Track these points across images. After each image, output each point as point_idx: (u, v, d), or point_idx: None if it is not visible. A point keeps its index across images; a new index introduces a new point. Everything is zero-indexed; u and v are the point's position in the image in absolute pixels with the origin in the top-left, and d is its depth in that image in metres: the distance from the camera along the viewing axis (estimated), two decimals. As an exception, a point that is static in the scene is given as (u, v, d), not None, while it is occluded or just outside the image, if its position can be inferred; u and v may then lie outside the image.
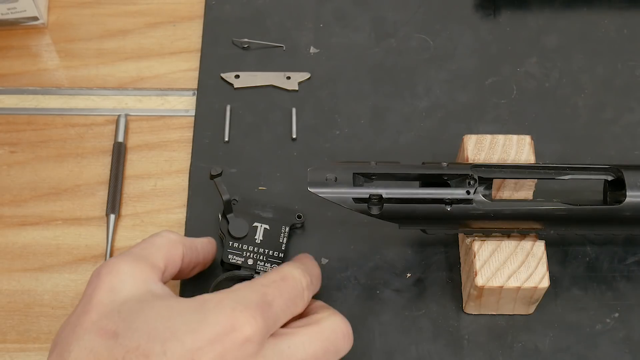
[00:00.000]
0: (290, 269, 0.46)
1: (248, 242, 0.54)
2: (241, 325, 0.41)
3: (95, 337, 0.42)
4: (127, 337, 0.41)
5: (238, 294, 0.43)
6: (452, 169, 0.49)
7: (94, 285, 0.44)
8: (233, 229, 0.54)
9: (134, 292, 0.44)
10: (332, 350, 0.45)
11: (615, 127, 0.60)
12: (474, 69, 0.62)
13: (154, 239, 0.48)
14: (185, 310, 0.42)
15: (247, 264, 0.53)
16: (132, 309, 0.43)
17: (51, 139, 0.60)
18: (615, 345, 0.52)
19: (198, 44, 0.64)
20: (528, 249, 0.51)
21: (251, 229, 0.54)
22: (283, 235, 0.54)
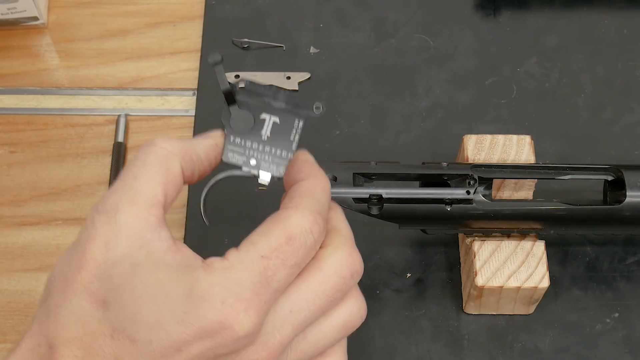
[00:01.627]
0: (298, 220, 0.39)
1: (253, 137, 0.44)
2: (232, 323, 0.37)
3: (85, 303, 0.39)
4: (115, 313, 0.38)
5: (231, 274, 0.37)
6: (452, 169, 0.49)
7: (88, 234, 0.39)
8: (235, 121, 0.44)
9: (129, 248, 0.39)
10: (338, 297, 0.40)
11: (615, 127, 0.60)
12: (474, 69, 0.62)
13: (147, 158, 0.41)
14: (173, 293, 0.38)
15: (249, 163, 0.44)
16: (124, 274, 0.38)
17: (51, 139, 0.60)
18: (615, 345, 0.52)
19: (198, 44, 0.64)
20: (528, 249, 0.51)
21: (257, 122, 0.44)
22: (295, 132, 0.45)
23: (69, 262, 0.40)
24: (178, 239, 0.56)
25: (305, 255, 0.39)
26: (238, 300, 0.37)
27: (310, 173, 0.43)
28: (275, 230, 0.39)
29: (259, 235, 0.39)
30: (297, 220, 0.39)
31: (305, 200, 0.40)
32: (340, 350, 0.43)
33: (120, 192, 0.40)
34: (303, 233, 0.39)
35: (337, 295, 0.40)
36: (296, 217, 0.39)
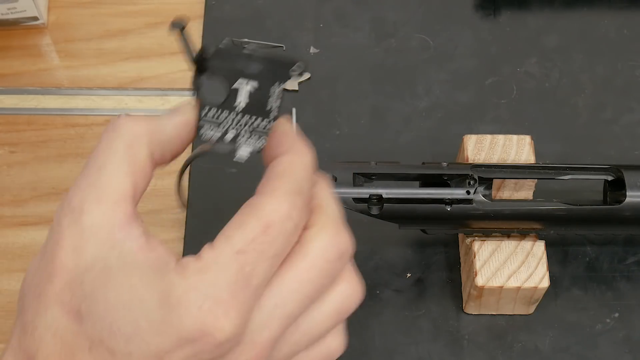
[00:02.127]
0: (274, 206, 0.36)
1: (228, 107, 0.40)
2: (211, 330, 0.35)
3: (60, 315, 0.37)
4: (90, 324, 0.36)
5: (207, 277, 0.35)
6: (452, 169, 0.49)
7: (55, 239, 0.37)
8: (207, 91, 0.40)
9: (99, 251, 0.37)
10: (327, 282, 0.38)
11: (615, 127, 0.60)
12: (474, 69, 0.62)
13: (112, 144, 0.38)
14: (148, 300, 0.35)
15: (225, 138, 0.40)
16: (95, 280, 0.37)
17: (51, 139, 0.60)
18: (615, 345, 0.52)
19: (198, 44, 0.64)
20: (528, 249, 0.51)
21: (232, 91, 0.40)
22: (275, 98, 0.40)
23: (39, 272, 0.38)
24: (178, 239, 0.56)
25: (285, 242, 0.36)
26: (216, 304, 0.35)
27: (289, 147, 0.39)
28: (250, 220, 0.36)
29: (233, 229, 0.36)
30: (273, 206, 0.36)
31: (282, 181, 0.37)
32: (337, 335, 0.40)
33: (85, 187, 0.37)
34: (281, 219, 0.36)
35: (326, 281, 0.37)
36: (272, 202, 0.36)
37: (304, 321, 0.38)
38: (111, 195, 0.37)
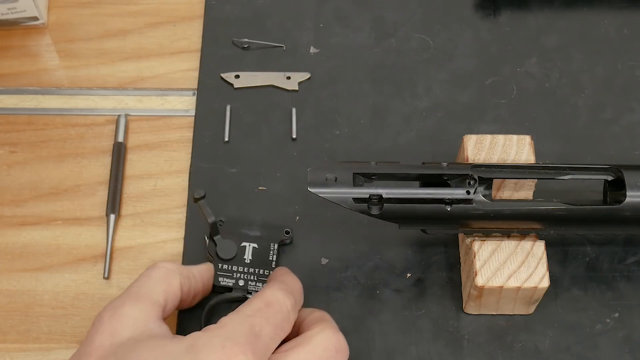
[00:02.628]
0: (272, 292, 0.46)
1: (237, 262, 0.53)
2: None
3: None
4: None
5: (226, 329, 0.43)
6: (452, 169, 0.49)
7: (96, 328, 0.45)
8: (221, 250, 0.53)
9: (133, 333, 0.44)
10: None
11: (615, 127, 0.60)
12: (474, 69, 0.62)
13: (151, 273, 0.48)
14: (177, 350, 0.43)
15: (238, 285, 0.53)
16: (128, 349, 0.43)
17: (51, 139, 0.60)
18: (615, 345, 0.52)
19: (198, 44, 0.64)
20: (528, 249, 0.51)
21: (239, 250, 0.53)
22: (272, 253, 0.54)
23: (77, 353, 0.44)
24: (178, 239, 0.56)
25: (283, 319, 0.45)
26: (236, 345, 0.42)
27: (283, 273, 0.50)
28: (255, 299, 0.45)
29: (242, 306, 0.45)
30: (271, 292, 0.46)
31: (278, 281, 0.48)
32: None
33: (125, 295, 0.46)
34: (278, 301, 0.45)
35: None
36: (271, 289, 0.46)
37: None
38: (148, 299, 0.46)
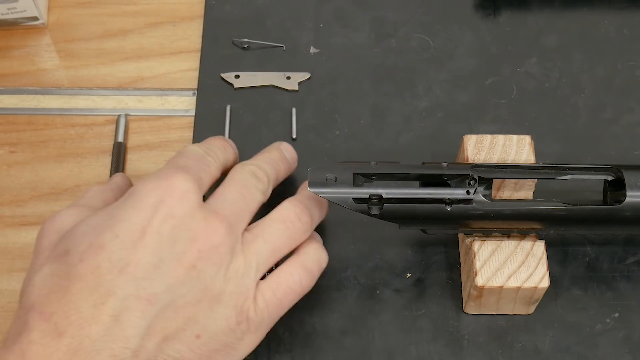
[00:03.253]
0: (188, 147, 0.50)
1: None
2: (173, 183, 0.45)
3: (52, 264, 0.44)
4: (78, 244, 0.43)
5: (158, 170, 0.47)
6: (452, 169, 0.49)
7: (39, 235, 0.47)
8: None
9: (73, 220, 0.46)
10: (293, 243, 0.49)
11: (615, 127, 0.60)
12: (474, 69, 0.62)
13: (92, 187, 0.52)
14: (121, 201, 0.45)
15: None
16: (74, 227, 0.45)
17: (51, 139, 0.60)
18: (615, 345, 0.52)
19: (198, 44, 0.64)
20: (528, 249, 0.51)
21: None
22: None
23: (33, 262, 0.47)
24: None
25: (202, 157, 0.49)
26: (169, 173, 0.46)
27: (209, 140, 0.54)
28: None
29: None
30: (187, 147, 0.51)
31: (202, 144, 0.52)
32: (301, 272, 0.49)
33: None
34: (191, 149, 0.50)
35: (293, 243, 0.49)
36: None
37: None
38: (85, 206, 0.50)
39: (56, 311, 0.42)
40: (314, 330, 0.53)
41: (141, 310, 0.42)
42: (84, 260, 0.43)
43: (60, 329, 0.41)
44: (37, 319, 0.42)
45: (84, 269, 0.43)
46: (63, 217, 0.47)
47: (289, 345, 0.52)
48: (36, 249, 0.46)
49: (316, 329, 0.53)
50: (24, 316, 0.43)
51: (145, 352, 0.43)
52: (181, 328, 0.44)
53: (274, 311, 0.47)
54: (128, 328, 0.42)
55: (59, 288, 0.43)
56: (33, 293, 0.43)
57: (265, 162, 0.51)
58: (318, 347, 0.52)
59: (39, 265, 0.45)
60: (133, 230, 0.44)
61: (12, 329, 0.43)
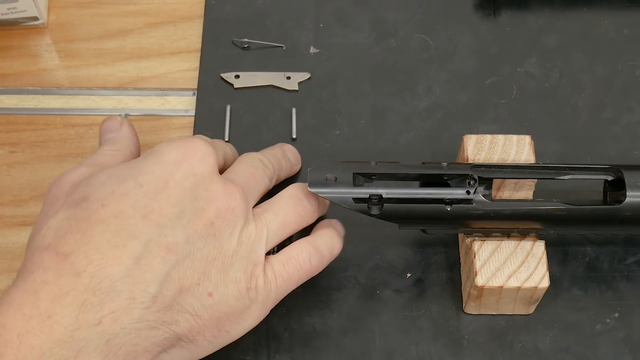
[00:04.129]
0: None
1: None
2: (195, 144, 0.47)
3: (68, 209, 0.44)
4: (98, 191, 0.44)
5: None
6: (452, 169, 0.49)
7: (51, 187, 0.47)
8: None
9: (83, 173, 0.47)
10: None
11: (615, 127, 0.60)
12: (474, 69, 0.62)
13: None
14: (142, 157, 0.46)
15: None
16: (91, 176, 0.46)
17: (51, 139, 0.60)
18: (615, 345, 0.52)
19: (198, 44, 0.64)
20: (528, 249, 0.51)
21: None
22: (272, 253, 0.52)
23: (41, 210, 0.47)
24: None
25: (204, 147, 0.48)
26: (193, 138, 0.48)
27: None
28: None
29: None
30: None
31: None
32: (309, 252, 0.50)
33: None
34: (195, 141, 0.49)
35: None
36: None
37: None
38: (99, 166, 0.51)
39: (74, 251, 0.42)
40: (314, 330, 0.53)
41: (162, 256, 0.43)
42: (106, 206, 0.43)
43: (78, 269, 0.41)
44: (54, 259, 0.42)
45: (106, 213, 0.43)
46: (76, 172, 0.48)
47: (289, 345, 0.52)
48: (48, 199, 0.46)
49: (316, 329, 0.53)
50: (36, 256, 0.42)
51: (162, 300, 0.43)
52: (196, 282, 0.44)
53: (282, 284, 0.48)
54: (148, 272, 0.42)
55: (78, 230, 0.43)
56: (48, 235, 0.43)
57: (270, 155, 0.53)
58: (318, 347, 0.52)
59: (54, 211, 0.45)
60: (156, 181, 0.45)
61: (22, 268, 0.43)
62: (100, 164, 0.49)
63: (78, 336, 0.40)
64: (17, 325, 0.39)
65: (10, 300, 0.40)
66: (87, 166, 0.48)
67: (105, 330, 0.41)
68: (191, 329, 0.44)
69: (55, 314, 0.40)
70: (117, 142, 0.52)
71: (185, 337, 0.44)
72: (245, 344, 0.52)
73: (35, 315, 0.40)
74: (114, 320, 0.41)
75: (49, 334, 0.39)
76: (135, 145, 0.52)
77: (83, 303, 0.40)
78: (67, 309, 0.40)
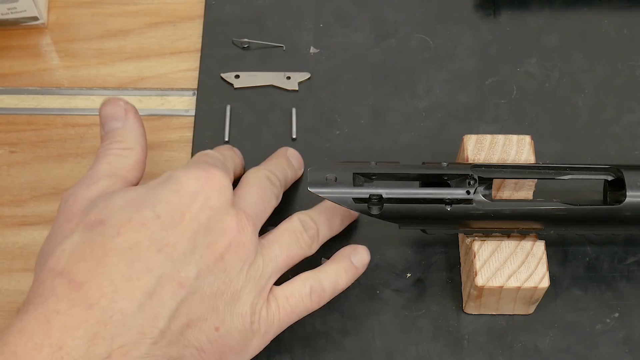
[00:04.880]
0: (208, 151, 0.51)
1: None
2: (214, 176, 0.46)
3: (84, 232, 0.44)
4: (115, 217, 0.44)
5: (193, 162, 0.48)
6: (452, 169, 0.49)
7: (67, 199, 0.47)
8: None
9: (100, 189, 0.47)
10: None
11: (615, 127, 0.60)
12: (474, 69, 0.62)
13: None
14: (160, 182, 0.46)
15: None
16: (107, 197, 0.45)
17: (51, 139, 0.60)
18: (615, 345, 0.52)
19: (198, 44, 0.64)
20: (528, 249, 0.51)
21: None
22: None
23: (53, 229, 0.47)
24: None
25: (218, 159, 0.50)
26: (209, 165, 0.47)
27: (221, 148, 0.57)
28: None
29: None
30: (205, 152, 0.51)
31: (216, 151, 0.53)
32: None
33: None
34: (209, 154, 0.51)
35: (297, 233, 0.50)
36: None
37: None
38: (117, 176, 0.49)
39: (88, 281, 0.41)
40: (314, 330, 0.53)
41: (173, 291, 0.43)
42: (122, 235, 0.43)
43: (91, 300, 0.41)
44: (67, 287, 0.41)
45: (121, 243, 0.43)
46: (93, 188, 0.47)
47: (289, 345, 0.52)
48: (64, 213, 0.46)
49: (316, 329, 0.53)
50: (49, 281, 0.42)
51: (170, 335, 0.43)
52: (203, 317, 0.44)
53: (285, 317, 0.48)
54: (159, 307, 0.42)
55: (92, 258, 0.42)
56: (62, 258, 0.43)
57: (276, 168, 0.53)
58: (318, 347, 0.52)
59: (69, 231, 0.44)
60: (174, 212, 0.44)
61: (34, 292, 0.42)
62: (115, 173, 0.48)
63: None
64: (28, 355, 0.39)
65: (23, 327, 0.40)
66: (104, 178, 0.48)
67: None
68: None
69: (66, 345, 0.40)
70: (126, 138, 0.50)
71: None
72: (245, 344, 0.52)
73: (46, 346, 0.40)
74: (122, 355, 0.41)
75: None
76: (143, 139, 0.51)
77: (94, 336, 0.40)
78: (78, 341, 0.40)
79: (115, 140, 0.50)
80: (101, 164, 0.49)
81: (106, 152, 0.49)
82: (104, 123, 0.51)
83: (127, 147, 0.50)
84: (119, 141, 0.50)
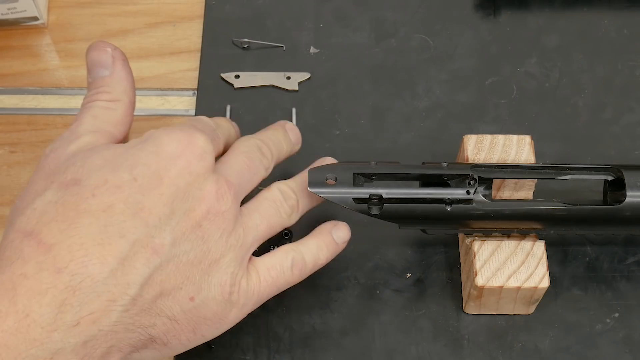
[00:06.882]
0: (201, 117, 0.50)
1: None
2: (196, 140, 0.44)
3: (58, 191, 0.42)
4: (91, 178, 0.42)
5: (179, 125, 0.46)
6: (452, 169, 0.49)
7: (39, 161, 0.45)
8: None
9: (81, 145, 0.45)
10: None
11: (615, 127, 0.60)
12: (474, 69, 0.62)
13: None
14: (140, 142, 0.44)
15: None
16: (85, 155, 0.43)
17: (51, 139, 0.60)
18: (615, 345, 0.52)
19: (198, 44, 0.64)
20: (528, 249, 0.51)
21: None
22: None
23: (27, 187, 0.45)
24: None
25: (209, 125, 0.49)
26: (190, 129, 0.45)
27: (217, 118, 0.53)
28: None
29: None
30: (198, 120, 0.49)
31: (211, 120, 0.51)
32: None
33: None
34: (202, 120, 0.49)
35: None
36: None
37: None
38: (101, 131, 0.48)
39: (58, 243, 0.40)
40: (314, 330, 0.53)
41: (146, 258, 0.41)
42: (97, 196, 0.41)
43: (60, 264, 0.39)
44: (35, 248, 0.39)
45: (95, 204, 0.41)
46: (75, 144, 0.45)
47: (289, 345, 0.52)
48: (42, 168, 0.44)
49: (316, 329, 0.53)
50: (17, 242, 0.40)
51: (141, 303, 0.41)
52: (178, 286, 0.43)
53: (266, 288, 0.47)
54: (131, 274, 0.41)
55: (64, 218, 0.40)
56: (32, 218, 0.41)
57: (270, 138, 0.51)
58: (318, 347, 0.52)
59: (43, 188, 0.43)
60: (151, 176, 0.43)
61: (1, 254, 0.40)
62: (100, 127, 0.46)
63: (55, 337, 0.38)
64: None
65: None
66: (88, 134, 0.45)
67: (82, 332, 0.39)
68: (167, 332, 0.43)
69: (32, 312, 0.38)
70: (113, 89, 0.47)
71: (160, 339, 0.43)
72: (245, 344, 0.52)
73: (12, 313, 0.38)
74: (92, 322, 0.39)
75: (26, 333, 0.38)
76: (132, 90, 0.49)
77: (62, 303, 0.39)
78: (46, 308, 0.38)
79: (102, 90, 0.47)
80: (85, 117, 0.46)
81: (91, 104, 0.47)
82: (90, 69, 0.48)
83: (113, 99, 0.47)
84: (105, 92, 0.47)
